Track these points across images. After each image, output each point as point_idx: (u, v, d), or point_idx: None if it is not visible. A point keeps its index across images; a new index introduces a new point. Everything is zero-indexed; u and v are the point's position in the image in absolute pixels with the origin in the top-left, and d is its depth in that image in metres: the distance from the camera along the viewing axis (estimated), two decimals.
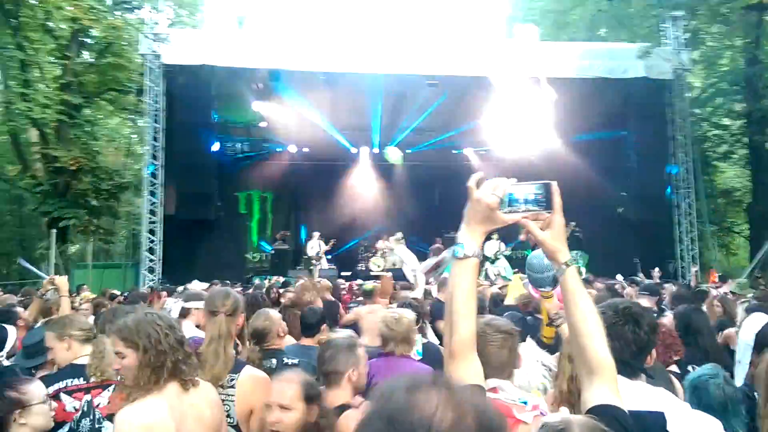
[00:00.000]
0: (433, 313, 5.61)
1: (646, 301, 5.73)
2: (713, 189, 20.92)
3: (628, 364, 2.07)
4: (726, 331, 4.59)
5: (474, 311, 1.52)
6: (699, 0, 13.60)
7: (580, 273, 1.57)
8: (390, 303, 6.03)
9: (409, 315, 3.65)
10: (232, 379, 2.61)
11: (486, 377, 1.80)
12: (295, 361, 3.49)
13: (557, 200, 1.51)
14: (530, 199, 1.51)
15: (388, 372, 3.34)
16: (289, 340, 4.12)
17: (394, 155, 15.24)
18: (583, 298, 1.50)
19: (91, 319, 4.70)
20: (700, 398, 2.63)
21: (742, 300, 5.48)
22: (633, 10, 14.29)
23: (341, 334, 3.28)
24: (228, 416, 2.53)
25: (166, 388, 2.10)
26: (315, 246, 16.04)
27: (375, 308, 5.90)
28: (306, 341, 4.09)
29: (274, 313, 3.78)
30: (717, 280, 11.32)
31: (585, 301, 1.49)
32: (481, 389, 1.43)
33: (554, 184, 1.52)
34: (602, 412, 1.39)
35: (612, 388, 1.43)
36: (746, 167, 20.57)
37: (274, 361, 3.49)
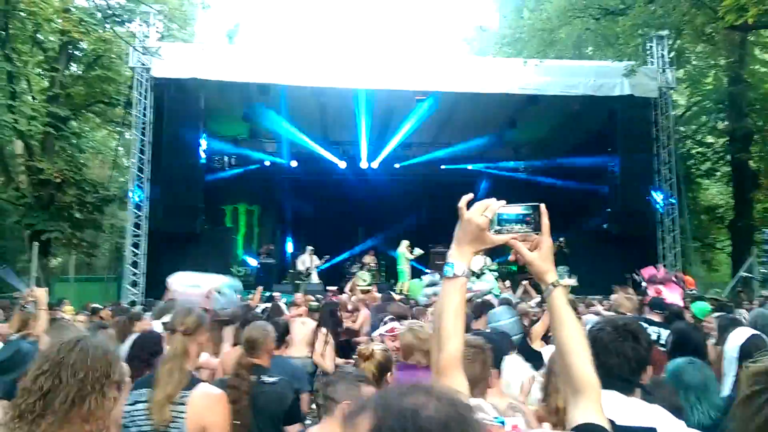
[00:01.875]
0: None
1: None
2: (696, 206, 21.17)
3: (627, 380, 2.11)
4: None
5: (461, 329, 1.54)
6: (684, 20, 13.82)
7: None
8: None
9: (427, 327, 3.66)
10: (184, 396, 2.56)
11: None
12: (275, 379, 3.45)
13: (545, 222, 1.55)
14: (519, 221, 1.55)
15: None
16: None
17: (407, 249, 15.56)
18: (570, 317, 1.53)
19: None
20: (680, 379, 2.82)
21: (716, 314, 5.57)
22: (619, 29, 14.47)
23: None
24: None
25: None
26: (306, 261, 15.95)
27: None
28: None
29: (269, 329, 3.75)
30: (695, 286, 11.36)
31: (571, 321, 1.53)
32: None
33: (542, 206, 1.55)
34: (586, 431, 1.40)
35: (596, 407, 1.45)
36: (729, 184, 20.83)
37: (252, 378, 3.46)
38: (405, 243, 15.60)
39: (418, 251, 15.30)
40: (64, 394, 1.62)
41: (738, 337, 3.56)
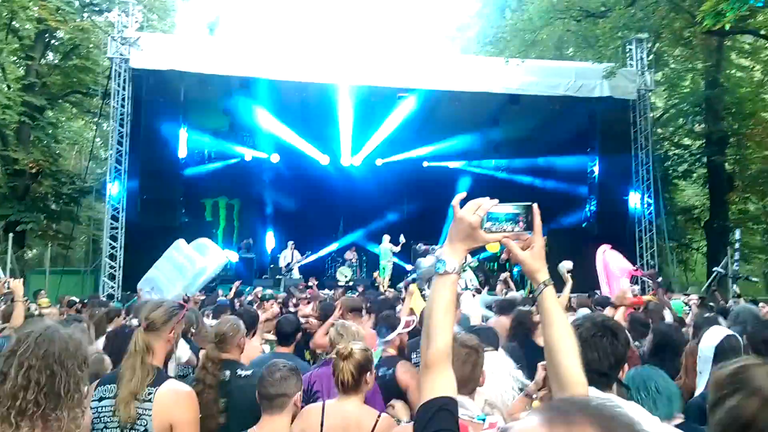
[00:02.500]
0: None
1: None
2: (673, 206, 21.50)
3: (605, 375, 2.16)
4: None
5: (451, 325, 1.55)
6: (662, 24, 14.02)
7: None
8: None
9: (356, 326, 3.67)
10: (150, 393, 2.51)
11: None
12: (248, 372, 3.44)
13: (538, 222, 1.56)
14: (511, 220, 1.56)
15: (327, 379, 3.31)
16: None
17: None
18: (560, 317, 1.56)
19: None
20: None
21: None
22: (599, 32, 14.63)
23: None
24: (145, 431, 2.46)
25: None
26: (288, 256, 15.86)
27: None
28: (281, 349, 4.22)
29: (240, 324, 3.73)
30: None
31: (561, 320, 1.56)
32: (453, 401, 1.44)
33: (535, 206, 1.57)
34: None
35: None
36: (705, 186, 21.20)
37: (227, 372, 3.44)
38: (387, 238, 15.60)
39: (401, 239, 15.21)
40: (59, 386, 1.62)
41: (713, 336, 3.60)
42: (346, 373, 2.87)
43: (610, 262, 8.26)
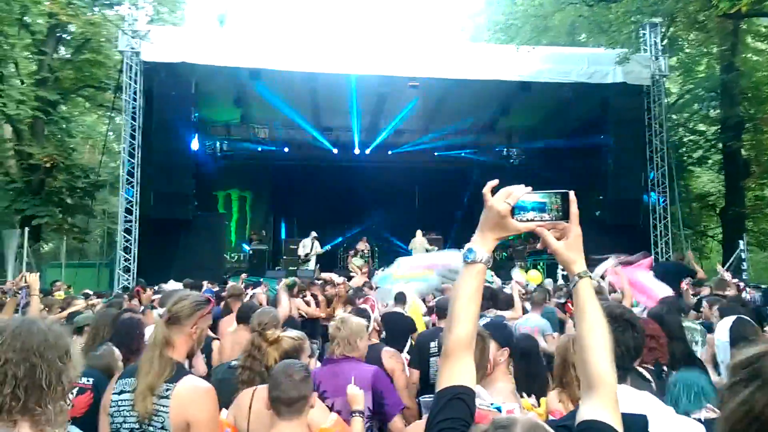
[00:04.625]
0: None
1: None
2: (688, 193, 21.27)
3: (622, 368, 2.11)
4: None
5: (474, 315, 1.51)
6: (677, 7, 13.77)
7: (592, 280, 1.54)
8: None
9: (357, 319, 3.67)
10: (168, 389, 2.43)
11: None
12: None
13: (574, 210, 1.51)
14: (546, 208, 1.51)
15: (333, 378, 3.32)
16: None
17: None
18: (593, 311, 1.48)
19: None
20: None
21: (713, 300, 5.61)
22: (612, 17, 14.38)
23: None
24: (162, 428, 2.40)
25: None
26: (308, 245, 15.75)
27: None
28: None
29: (277, 315, 3.85)
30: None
31: (594, 315, 1.47)
32: (469, 391, 1.42)
33: (572, 194, 1.52)
34: (590, 428, 1.37)
35: (607, 405, 1.40)
36: (720, 172, 20.93)
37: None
38: (420, 233, 15.46)
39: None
40: (40, 379, 1.57)
41: (726, 323, 3.60)
42: (270, 359, 2.92)
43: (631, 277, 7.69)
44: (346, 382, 3.14)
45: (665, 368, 3.15)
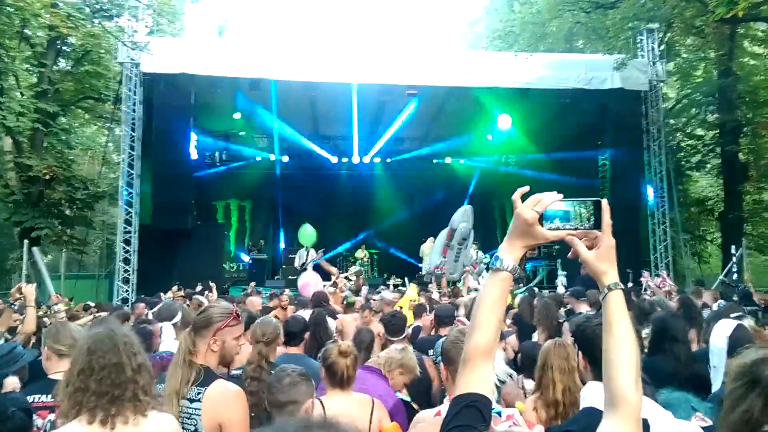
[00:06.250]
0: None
1: (585, 307, 5.93)
2: (686, 198, 21.27)
3: None
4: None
5: (495, 323, 1.48)
6: (674, 13, 13.85)
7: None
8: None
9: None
10: (199, 393, 2.52)
11: None
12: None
13: (607, 219, 1.47)
14: (578, 217, 1.48)
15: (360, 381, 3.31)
16: None
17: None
18: (621, 326, 1.44)
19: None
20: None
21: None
22: (609, 23, 14.46)
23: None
24: (195, 430, 2.47)
25: (90, 417, 1.91)
26: (303, 256, 15.83)
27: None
28: (292, 349, 4.24)
29: (279, 326, 3.86)
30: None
31: (622, 330, 1.43)
32: (485, 399, 1.40)
33: (605, 202, 1.48)
34: None
35: (629, 424, 1.38)
36: (718, 177, 20.93)
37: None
38: (431, 240, 15.70)
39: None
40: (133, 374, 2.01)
41: (724, 329, 3.54)
42: (344, 369, 3.03)
43: None
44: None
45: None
